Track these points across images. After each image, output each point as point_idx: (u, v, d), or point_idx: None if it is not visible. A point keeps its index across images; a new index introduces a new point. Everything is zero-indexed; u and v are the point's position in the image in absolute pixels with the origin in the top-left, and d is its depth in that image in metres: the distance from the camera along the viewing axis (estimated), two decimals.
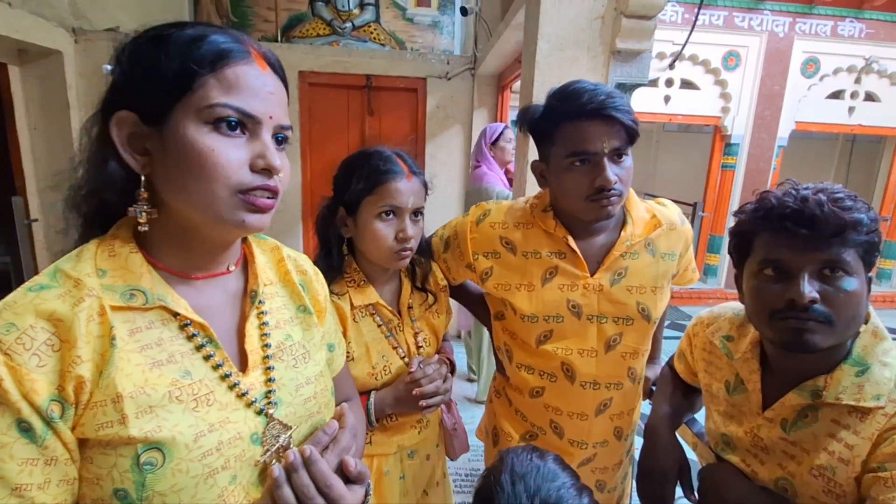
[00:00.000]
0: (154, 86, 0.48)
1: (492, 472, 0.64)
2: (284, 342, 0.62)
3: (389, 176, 0.90)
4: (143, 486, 0.47)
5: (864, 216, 0.67)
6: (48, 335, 0.44)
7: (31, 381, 0.43)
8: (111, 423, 0.46)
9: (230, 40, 0.50)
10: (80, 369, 0.45)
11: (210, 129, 0.49)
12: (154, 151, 0.50)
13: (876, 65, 5.34)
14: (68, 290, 0.47)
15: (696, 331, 0.99)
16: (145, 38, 0.50)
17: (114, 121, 0.49)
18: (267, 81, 0.52)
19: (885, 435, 0.67)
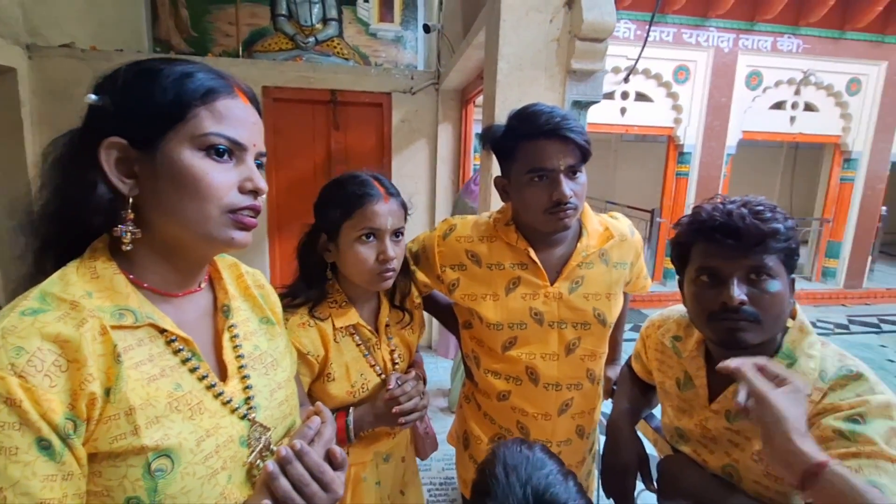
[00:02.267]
0: (148, 114, 0.52)
1: (486, 465, 0.68)
2: (254, 352, 0.66)
3: (366, 199, 0.93)
4: (156, 491, 0.50)
5: (781, 226, 0.76)
6: (55, 356, 0.46)
7: (48, 400, 0.45)
8: (125, 434, 0.49)
9: (217, 77, 0.56)
10: (92, 387, 0.47)
11: (203, 155, 0.54)
12: (143, 174, 0.54)
13: (813, 77, 5.75)
14: (66, 312, 0.49)
15: (649, 332, 1.06)
16: (135, 70, 0.54)
17: (104, 146, 0.52)
18: (249, 113, 0.58)
19: (813, 420, 0.75)
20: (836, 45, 5.64)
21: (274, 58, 4.44)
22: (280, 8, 4.59)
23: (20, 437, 0.43)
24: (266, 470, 0.54)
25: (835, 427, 0.71)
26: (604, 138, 8.21)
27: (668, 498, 0.92)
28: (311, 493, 0.55)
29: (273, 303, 0.75)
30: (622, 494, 0.99)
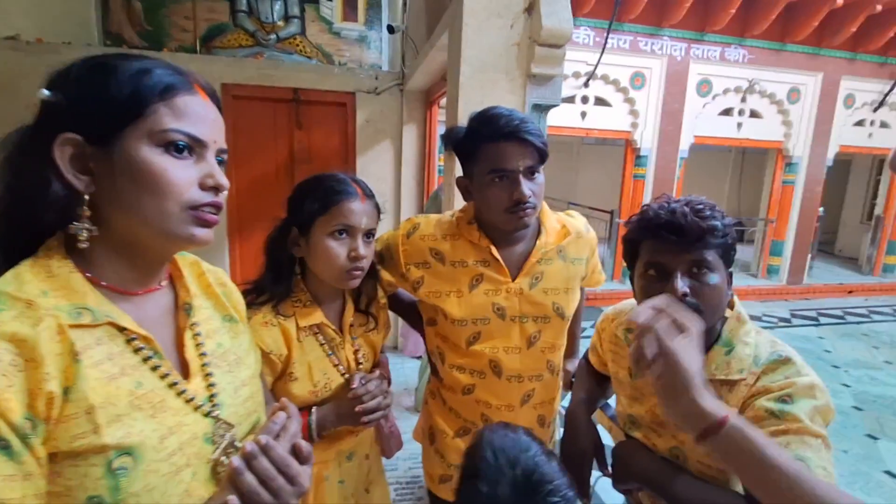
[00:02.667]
0: (104, 110, 0.52)
1: (474, 450, 0.71)
2: (217, 350, 0.65)
3: (343, 196, 0.94)
4: (118, 489, 0.49)
5: (719, 223, 0.82)
6: (12, 356, 0.45)
7: (6, 400, 0.44)
8: (85, 433, 0.48)
9: (175, 73, 0.56)
10: (50, 386, 0.47)
11: (162, 151, 0.53)
12: (99, 171, 0.53)
13: (757, 86, 6.11)
14: (21, 311, 0.48)
15: (604, 326, 1.12)
16: (90, 65, 0.53)
17: (58, 142, 0.51)
18: (209, 110, 0.58)
19: (748, 402, 0.82)
20: (778, 57, 6.02)
21: (233, 54, 4.32)
22: (240, 4, 4.48)
23: None
24: (231, 465, 0.55)
25: (766, 407, 0.78)
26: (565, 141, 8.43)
27: (621, 481, 0.98)
28: (278, 487, 0.55)
29: (236, 300, 0.75)
30: (580, 480, 1.04)
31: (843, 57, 6.19)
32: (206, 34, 4.43)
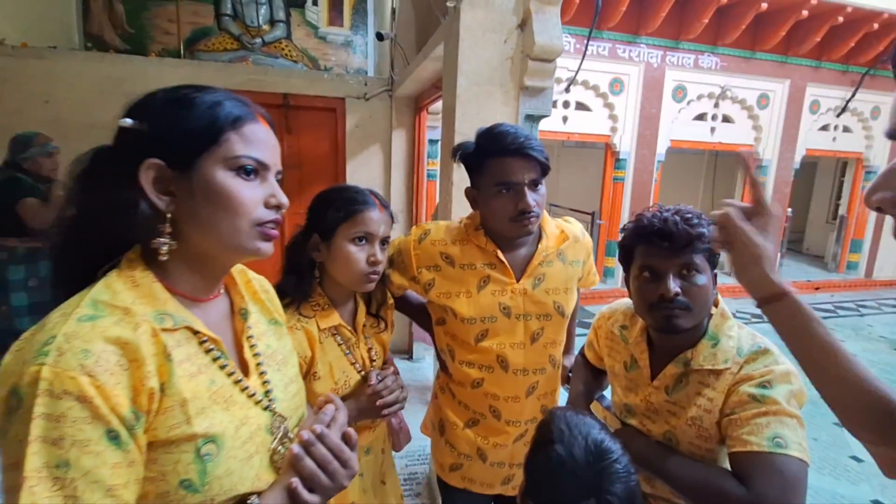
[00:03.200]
0: (185, 139, 0.58)
1: (547, 423, 0.81)
2: (267, 350, 0.72)
3: (364, 206, 1.03)
4: (205, 473, 0.56)
5: (705, 230, 0.92)
6: (118, 357, 0.51)
7: (115, 395, 0.50)
8: (179, 423, 0.55)
9: (242, 104, 0.62)
10: (151, 382, 0.53)
11: (234, 175, 0.60)
12: (178, 192, 0.59)
13: (729, 92, 6.37)
14: (120, 317, 0.53)
15: (600, 323, 1.22)
16: (170, 98, 0.60)
17: (144, 167, 0.57)
18: (270, 136, 0.65)
19: (732, 388, 0.92)
20: (748, 64, 6.29)
21: (218, 58, 4.32)
22: (225, 7, 4.47)
23: (91, 429, 0.48)
24: (291, 452, 0.62)
25: (749, 392, 0.88)
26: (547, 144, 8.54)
27: None
28: (333, 470, 0.63)
29: (277, 306, 0.82)
30: None
31: (809, 65, 6.51)
32: (190, 38, 4.40)
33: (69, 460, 0.46)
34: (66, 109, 3.16)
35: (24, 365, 0.48)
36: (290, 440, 0.68)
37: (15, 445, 0.46)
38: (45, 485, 0.45)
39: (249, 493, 0.60)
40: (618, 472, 0.72)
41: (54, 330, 0.50)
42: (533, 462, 0.79)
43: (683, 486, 0.91)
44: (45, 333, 0.50)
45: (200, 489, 0.55)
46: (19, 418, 0.46)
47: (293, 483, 0.61)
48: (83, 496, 0.47)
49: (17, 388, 0.47)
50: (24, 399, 0.46)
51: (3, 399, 0.48)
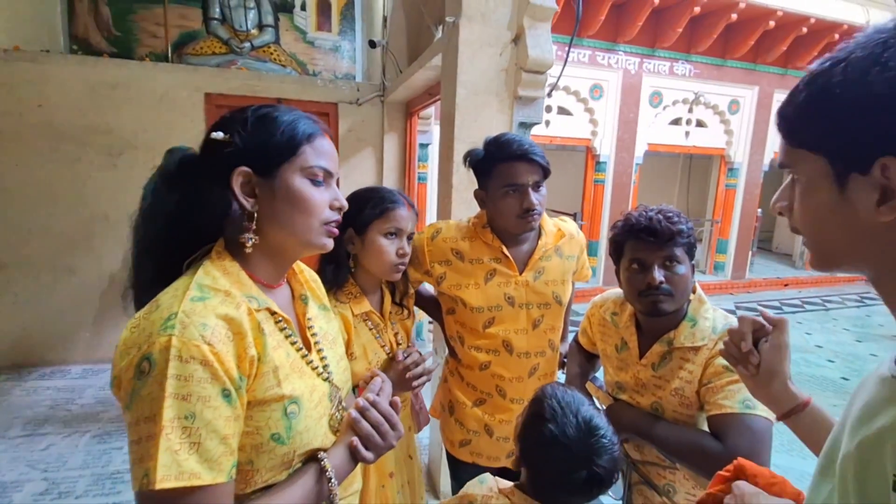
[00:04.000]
0: (270, 151, 0.69)
1: (540, 400, 0.88)
2: (321, 331, 0.83)
3: (396, 205, 1.16)
4: (291, 428, 0.67)
5: (684, 227, 1.07)
6: (226, 331, 0.61)
7: (227, 361, 0.60)
8: (272, 386, 0.65)
9: (313, 122, 0.73)
10: (251, 351, 0.63)
11: (309, 182, 0.71)
12: (262, 195, 0.69)
13: (702, 98, 6.65)
14: (223, 298, 0.64)
15: (593, 311, 1.36)
16: (257, 116, 0.70)
17: (235, 174, 0.67)
18: (333, 149, 0.76)
19: (709, 361, 1.07)
20: (720, 71, 6.59)
21: (206, 62, 4.35)
22: (213, 11, 4.49)
23: (211, 388, 0.58)
24: (350, 416, 0.74)
25: (723, 364, 1.03)
26: None
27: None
28: (385, 431, 0.75)
29: (324, 293, 0.93)
30: None
31: (776, 72, 6.86)
32: (177, 41, 4.40)
33: (195, 412, 0.57)
34: (59, 113, 3.18)
35: (150, 336, 0.58)
36: (344, 408, 0.80)
37: (149, 401, 0.56)
38: (177, 433, 0.55)
39: (318, 450, 0.72)
40: (605, 446, 0.83)
41: (172, 308, 0.60)
42: (527, 436, 0.88)
43: (670, 447, 1.06)
44: (163, 311, 0.60)
45: (287, 441, 0.67)
46: (153, 379, 0.56)
47: (354, 441, 0.73)
48: (205, 442, 0.57)
49: (149, 355, 0.57)
50: (156, 363, 0.56)
51: (134, 364, 0.58)
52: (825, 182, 0.45)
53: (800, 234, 0.53)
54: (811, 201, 0.48)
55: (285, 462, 0.68)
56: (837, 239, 0.47)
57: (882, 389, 0.45)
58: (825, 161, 0.45)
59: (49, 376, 3.31)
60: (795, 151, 0.49)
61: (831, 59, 0.44)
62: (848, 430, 0.46)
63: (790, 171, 0.51)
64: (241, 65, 4.46)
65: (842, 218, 0.45)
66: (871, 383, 0.48)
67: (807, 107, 0.46)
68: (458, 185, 1.89)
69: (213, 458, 0.58)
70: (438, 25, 2.61)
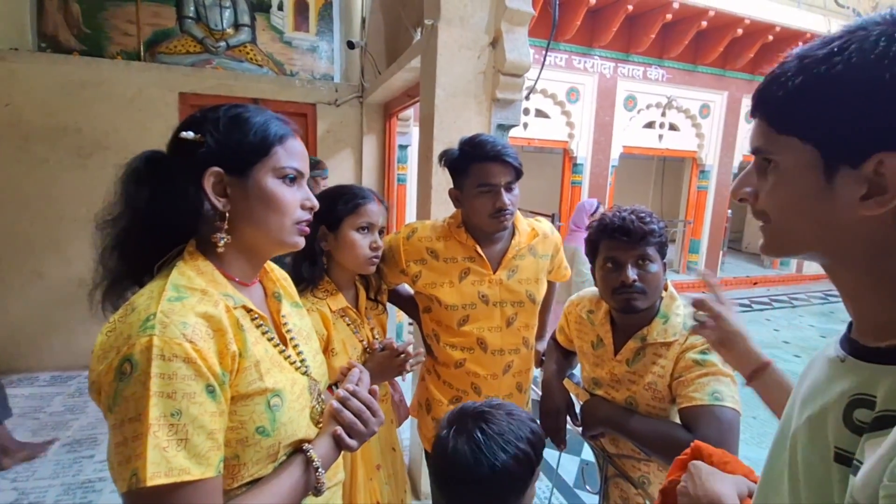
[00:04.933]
0: (242, 151, 0.69)
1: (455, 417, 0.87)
2: (294, 327, 0.84)
3: (367, 200, 1.20)
4: (275, 420, 0.68)
5: (656, 227, 1.11)
6: (206, 328, 0.62)
7: (209, 357, 0.60)
8: (255, 380, 0.66)
9: (284, 123, 0.74)
10: (233, 347, 0.64)
11: (280, 182, 0.71)
12: (234, 195, 0.70)
13: (675, 102, 6.84)
14: (200, 297, 0.64)
15: (570, 309, 1.39)
16: (229, 116, 0.70)
17: (207, 174, 0.67)
18: (303, 149, 0.76)
19: (680, 356, 1.11)
20: (692, 77, 6.78)
21: (181, 61, 4.26)
22: (187, 10, 4.40)
23: (196, 384, 0.58)
24: (331, 406, 0.75)
25: (693, 358, 1.08)
26: None
27: (589, 428, 1.25)
28: (367, 419, 0.77)
29: (294, 291, 0.94)
30: (556, 430, 1.30)
31: (744, 78, 7.09)
32: (150, 39, 4.30)
33: (181, 409, 0.57)
34: (27, 112, 3.09)
35: (129, 339, 0.58)
36: (323, 401, 0.81)
37: (133, 402, 0.56)
38: (164, 430, 0.55)
39: (302, 441, 0.73)
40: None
41: (150, 309, 0.60)
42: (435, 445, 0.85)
43: (643, 439, 1.09)
44: (141, 313, 0.60)
45: (272, 434, 0.67)
46: (136, 380, 0.56)
47: (337, 430, 0.75)
48: (192, 438, 0.58)
49: (129, 356, 0.57)
50: (138, 364, 0.56)
51: (114, 367, 0.57)
52: (810, 172, 0.44)
53: (762, 219, 0.51)
54: (790, 190, 0.46)
55: (271, 454, 0.69)
56: (807, 229, 0.46)
57: (827, 370, 0.48)
58: (815, 151, 0.43)
59: (17, 384, 3.19)
60: (780, 138, 0.46)
61: (827, 47, 0.42)
62: (797, 406, 0.50)
63: (765, 156, 0.48)
64: (217, 64, 4.39)
65: (819, 209, 0.44)
66: (818, 364, 0.51)
67: (802, 93, 0.43)
68: (438, 187, 1.91)
69: (202, 454, 0.58)
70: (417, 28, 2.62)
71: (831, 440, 0.43)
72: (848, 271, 0.47)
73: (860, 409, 0.41)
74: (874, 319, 0.45)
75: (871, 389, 0.41)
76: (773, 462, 0.53)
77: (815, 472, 0.45)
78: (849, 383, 0.44)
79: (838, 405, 0.43)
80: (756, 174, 0.51)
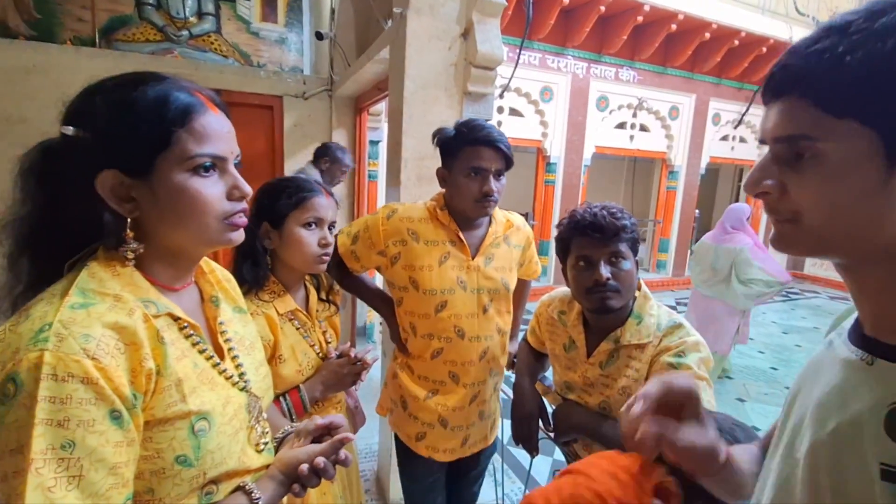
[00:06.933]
0: (136, 147, 0.57)
1: None
2: (235, 336, 0.74)
3: (313, 193, 1.11)
4: (199, 447, 0.58)
5: (627, 223, 1.07)
6: (115, 341, 0.53)
7: (117, 377, 0.51)
8: (175, 402, 0.57)
9: (188, 95, 0.59)
10: (149, 364, 0.54)
11: (192, 174, 0.59)
12: (141, 198, 0.59)
13: (645, 104, 6.93)
14: (112, 304, 0.54)
15: (541, 310, 1.34)
16: (109, 102, 0.56)
17: (99, 180, 0.56)
18: (223, 123, 0.63)
19: (654, 359, 1.07)
20: (661, 79, 6.89)
21: (140, 49, 4.06)
22: None
23: (96, 410, 0.49)
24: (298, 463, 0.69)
25: (668, 362, 1.04)
26: None
27: (562, 433, 1.20)
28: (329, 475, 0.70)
29: (239, 294, 0.84)
30: (528, 436, 1.25)
31: (711, 81, 7.26)
32: (106, 26, 4.07)
33: (75, 440, 0.48)
34: None
35: (16, 353, 0.48)
36: (265, 419, 0.73)
37: (15, 430, 0.46)
38: (51, 466, 0.46)
39: (237, 472, 0.64)
40: None
41: (46, 318, 0.50)
42: None
43: (617, 446, 1.04)
44: (35, 322, 0.51)
45: (195, 463, 0.58)
46: (19, 404, 0.47)
47: (295, 488, 0.68)
48: (88, 474, 0.48)
49: (13, 375, 0.47)
50: (23, 385, 0.47)
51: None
52: (868, 163, 0.39)
53: (782, 216, 0.45)
54: (842, 184, 0.40)
55: (194, 487, 0.59)
56: (853, 228, 0.40)
57: (850, 373, 0.43)
58: (878, 138, 0.38)
59: None
60: (834, 121, 0.40)
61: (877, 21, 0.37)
62: (813, 416, 0.45)
63: (802, 145, 0.42)
64: (179, 54, 4.19)
65: (873, 206, 0.39)
66: (829, 366, 0.46)
67: (869, 71, 0.37)
68: (407, 182, 1.83)
69: (100, 493, 0.49)
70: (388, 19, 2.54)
71: (872, 456, 0.38)
72: (877, 269, 0.42)
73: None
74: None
75: None
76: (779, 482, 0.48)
77: (851, 492, 0.40)
78: (883, 389, 0.39)
79: (875, 415, 0.38)
80: (779, 166, 0.44)
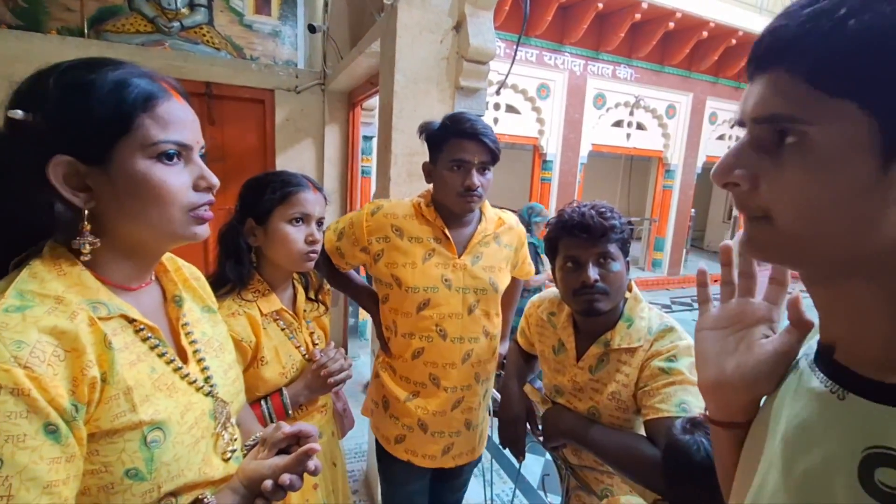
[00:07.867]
0: (92, 131, 0.53)
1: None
2: (202, 337, 0.70)
3: (299, 188, 1.05)
4: (153, 460, 0.54)
5: (617, 222, 1.03)
6: (53, 347, 0.49)
7: (54, 387, 0.47)
8: (124, 412, 0.53)
9: (150, 79, 0.56)
10: (93, 372, 0.50)
11: (154, 162, 0.55)
12: (97, 187, 0.54)
13: (642, 102, 6.91)
14: (52, 306, 0.50)
15: (531, 311, 1.31)
16: (65, 84, 0.52)
17: (50, 166, 0.52)
18: (187, 112, 0.60)
19: (645, 364, 1.04)
20: (659, 77, 6.86)
21: (130, 41, 3.98)
22: None
23: (28, 424, 0.45)
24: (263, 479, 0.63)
25: (659, 367, 1.00)
26: None
27: (551, 439, 1.16)
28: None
29: (209, 293, 0.79)
30: (515, 440, 1.22)
31: (708, 80, 7.24)
32: (95, 16, 3.99)
33: (2, 458, 0.44)
34: None
35: None
36: (232, 425, 0.69)
37: None
38: None
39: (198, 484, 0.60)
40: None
41: None
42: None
43: (606, 452, 1.01)
44: None
45: (147, 477, 0.54)
46: None
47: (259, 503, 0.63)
48: (18, 494, 0.44)
49: None
50: None
51: None
52: (861, 153, 0.32)
53: (754, 213, 0.39)
54: (829, 177, 0.33)
55: (148, 502, 0.56)
56: (835, 233, 0.34)
57: (820, 408, 0.38)
58: (873, 123, 0.31)
59: None
60: (827, 100, 0.33)
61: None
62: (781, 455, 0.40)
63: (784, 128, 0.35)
64: (170, 45, 4.12)
65: (864, 207, 0.33)
66: (798, 395, 0.41)
67: (874, 39, 0.31)
68: (397, 178, 1.79)
69: None
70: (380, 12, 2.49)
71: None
72: (857, 285, 0.36)
73: (883, 469, 0.32)
74: (884, 348, 0.36)
75: (893, 441, 0.32)
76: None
77: None
78: (856, 431, 0.34)
79: (848, 462, 0.34)
80: (757, 152, 0.37)
